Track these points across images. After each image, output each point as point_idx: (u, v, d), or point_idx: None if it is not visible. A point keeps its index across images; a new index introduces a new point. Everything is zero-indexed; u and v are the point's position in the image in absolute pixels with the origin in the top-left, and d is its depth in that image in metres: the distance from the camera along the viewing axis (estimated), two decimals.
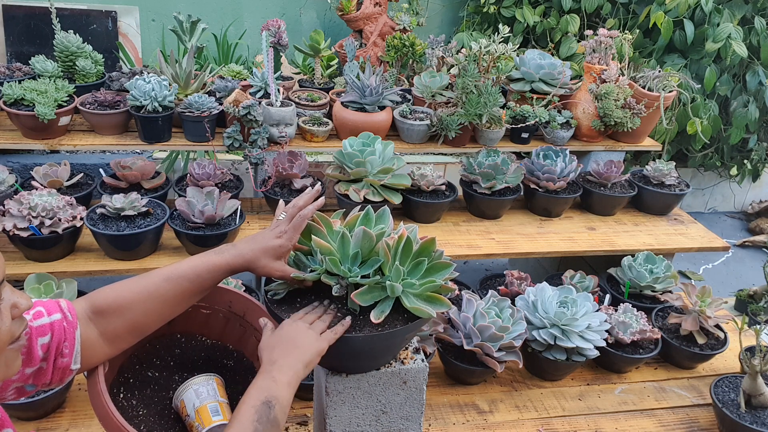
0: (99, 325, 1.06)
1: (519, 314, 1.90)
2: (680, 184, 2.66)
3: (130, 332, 1.09)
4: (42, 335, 0.96)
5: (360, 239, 1.15)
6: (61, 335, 0.99)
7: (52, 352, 0.98)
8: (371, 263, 1.16)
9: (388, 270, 1.15)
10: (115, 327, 1.07)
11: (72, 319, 1.01)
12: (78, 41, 2.48)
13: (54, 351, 0.98)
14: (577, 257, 2.69)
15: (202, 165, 2.26)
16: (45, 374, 0.98)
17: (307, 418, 1.77)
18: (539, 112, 2.57)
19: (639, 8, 3.61)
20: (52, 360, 0.98)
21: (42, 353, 0.97)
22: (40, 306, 0.99)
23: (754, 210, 4.47)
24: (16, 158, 3.81)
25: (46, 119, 2.11)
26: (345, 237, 1.16)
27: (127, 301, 1.07)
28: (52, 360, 0.98)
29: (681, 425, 1.88)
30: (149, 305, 1.09)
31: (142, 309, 1.08)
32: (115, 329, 1.07)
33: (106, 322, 1.06)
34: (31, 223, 1.87)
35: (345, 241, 1.16)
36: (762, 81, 3.64)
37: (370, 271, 1.15)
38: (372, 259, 1.17)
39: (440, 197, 2.38)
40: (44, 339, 0.97)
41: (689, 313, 2.10)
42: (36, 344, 0.96)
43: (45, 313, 0.98)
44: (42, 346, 0.96)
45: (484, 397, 1.93)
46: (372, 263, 1.16)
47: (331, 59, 3.09)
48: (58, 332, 0.98)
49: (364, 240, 1.15)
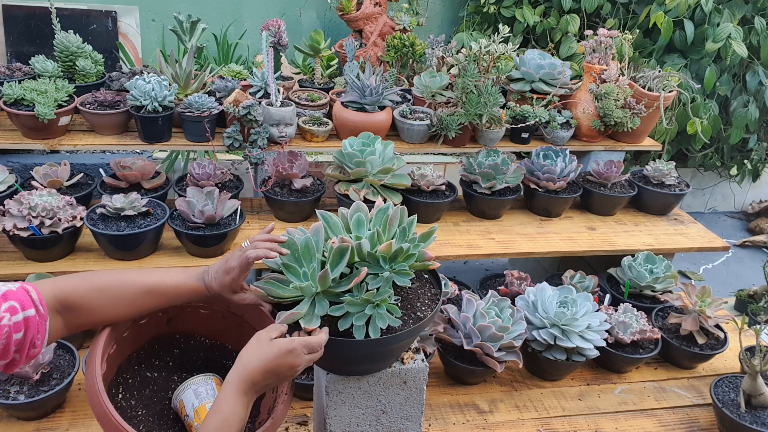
0: (66, 317, 1.07)
1: (519, 314, 1.90)
2: (680, 184, 2.66)
3: (94, 326, 1.14)
4: (17, 331, 0.97)
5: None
6: (35, 330, 1.00)
7: (26, 345, 0.99)
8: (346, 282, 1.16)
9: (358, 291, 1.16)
10: (81, 323, 1.10)
11: (44, 312, 1.02)
12: (78, 41, 2.48)
13: (27, 344, 0.99)
14: (577, 257, 2.69)
15: (202, 165, 2.26)
16: (17, 364, 1.00)
17: (307, 418, 1.77)
18: (539, 112, 2.57)
19: (639, 8, 3.61)
20: (25, 352, 1.00)
21: (15, 348, 0.98)
22: (12, 300, 0.98)
23: (754, 210, 4.47)
24: (16, 158, 3.81)
25: (46, 119, 2.11)
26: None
27: (100, 305, 1.10)
28: (25, 352, 1.00)
29: (681, 425, 1.88)
30: (122, 311, 1.13)
31: (114, 314, 1.13)
32: (81, 324, 1.10)
33: (74, 317, 1.08)
34: (31, 223, 1.87)
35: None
36: (762, 81, 3.63)
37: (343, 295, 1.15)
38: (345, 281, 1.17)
39: (440, 197, 2.38)
40: (18, 335, 0.98)
41: (689, 313, 2.10)
42: (11, 341, 0.97)
43: (19, 308, 0.98)
44: (16, 341, 0.98)
45: (484, 397, 1.93)
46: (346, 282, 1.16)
47: (331, 59, 3.09)
48: (32, 328, 1.00)
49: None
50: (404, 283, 1.16)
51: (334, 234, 1.20)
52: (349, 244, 1.12)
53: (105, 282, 1.12)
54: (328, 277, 1.11)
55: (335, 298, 1.15)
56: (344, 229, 1.22)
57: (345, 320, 1.13)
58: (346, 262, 1.13)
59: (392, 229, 1.21)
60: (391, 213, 1.21)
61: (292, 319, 1.12)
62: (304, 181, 2.30)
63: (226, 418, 1.02)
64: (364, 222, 1.22)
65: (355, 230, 1.21)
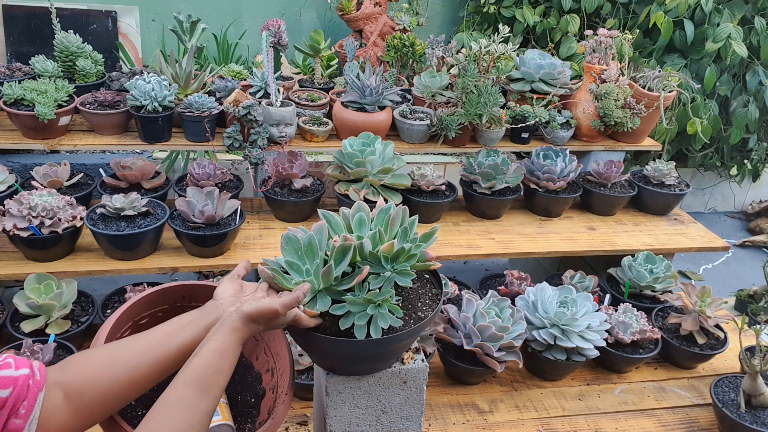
0: (69, 402, 0.95)
1: (519, 314, 1.90)
2: (680, 184, 2.66)
3: (101, 414, 1.01)
4: (3, 388, 0.86)
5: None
6: (23, 393, 0.88)
7: (7, 409, 0.87)
8: (348, 280, 1.16)
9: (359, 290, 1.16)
10: (89, 407, 0.97)
11: (39, 380, 0.91)
12: (78, 41, 2.48)
13: (9, 408, 0.87)
14: (577, 257, 2.69)
15: (202, 165, 2.26)
16: None
17: (307, 418, 1.77)
18: (539, 112, 2.57)
19: (639, 8, 3.61)
20: (4, 419, 0.87)
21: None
22: (10, 358, 0.90)
23: (754, 210, 4.47)
24: (16, 158, 3.81)
25: (46, 119, 2.11)
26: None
27: (113, 394, 0.99)
28: (4, 419, 0.87)
29: (681, 425, 1.88)
30: (135, 391, 1.02)
31: (128, 398, 1.02)
32: (90, 412, 0.97)
33: (79, 400, 0.96)
34: (31, 223, 1.87)
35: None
36: (762, 81, 3.64)
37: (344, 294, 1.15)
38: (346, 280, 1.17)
39: (440, 197, 2.38)
40: (3, 392, 0.86)
41: (689, 313, 2.10)
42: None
43: (13, 365, 0.89)
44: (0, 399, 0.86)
45: (484, 397, 1.93)
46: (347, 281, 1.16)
47: (331, 59, 3.09)
48: (20, 388, 0.88)
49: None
50: (406, 283, 1.16)
51: (336, 233, 1.20)
52: (352, 243, 1.13)
53: (119, 360, 1.01)
54: (332, 273, 1.11)
55: (337, 296, 1.15)
56: (346, 229, 1.22)
57: (346, 319, 1.13)
58: (348, 260, 1.14)
59: (394, 229, 1.21)
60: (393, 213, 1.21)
61: None
62: (304, 181, 2.30)
63: (220, 350, 0.99)
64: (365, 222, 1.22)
65: (357, 230, 1.21)
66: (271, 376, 1.30)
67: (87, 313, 2.02)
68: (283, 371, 1.27)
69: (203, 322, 1.07)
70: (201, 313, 1.10)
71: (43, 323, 1.87)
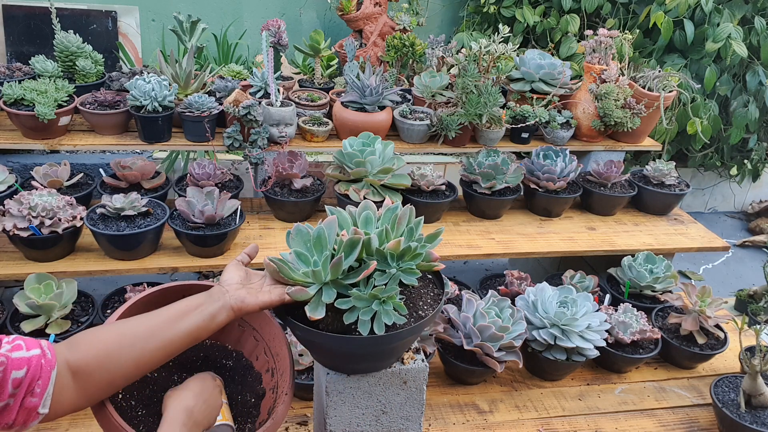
0: (77, 380, 0.99)
1: (519, 314, 1.90)
2: (680, 184, 2.66)
3: (107, 392, 1.06)
4: (17, 369, 0.89)
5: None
6: (37, 372, 0.92)
7: (23, 388, 0.90)
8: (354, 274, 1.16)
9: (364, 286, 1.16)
10: (96, 386, 1.01)
11: (50, 358, 0.94)
12: (78, 41, 2.48)
13: (25, 388, 0.90)
14: (577, 257, 2.69)
15: (202, 165, 2.26)
16: (10, 412, 0.90)
17: (307, 418, 1.77)
18: (539, 112, 2.57)
19: (639, 8, 3.61)
20: (21, 397, 0.90)
21: (12, 389, 0.89)
22: (19, 340, 0.93)
23: (754, 210, 4.47)
24: (16, 158, 3.81)
25: (46, 119, 2.11)
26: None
27: (120, 375, 1.03)
28: (21, 397, 0.90)
29: (681, 425, 1.88)
30: (141, 372, 1.06)
31: (134, 378, 1.07)
32: (97, 390, 1.02)
33: (86, 379, 1.00)
34: (31, 223, 1.87)
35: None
36: (762, 81, 3.64)
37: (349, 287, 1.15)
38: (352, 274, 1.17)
39: (440, 197, 2.38)
40: (19, 373, 0.89)
41: (689, 313, 2.10)
42: (9, 377, 0.88)
43: (24, 347, 0.92)
44: (14, 380, 0.89)
45: (484, 397, 1.93)
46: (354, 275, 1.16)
47: (331, 59, 3.09)
48: (34, 368, 0.91)
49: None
50: (411, 281, 1.16)
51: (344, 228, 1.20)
52: (361, 237, 1.13)
53: (126, 339, 1.04)
54: (341, 264, 1.12)
55: (342, 290, 1.15)
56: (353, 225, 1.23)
57: (351, 314, 1.13)
58: (357, 254, 1.14)
59: (400, 228, 1.21)
60: (400, 212, 1.22)
61: (300, 296, 1.13)
62: (304, 181, 2.30)
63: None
64: (372, 219, 1.23)
65: (363, 227, 1.22)
66: (271, 376, 1.30)
67: (87, 313, 2.02)
68: (283, 371, 1.27)
69: (209, 309, 1.11)
70: (208, 298, 1.12)
71: (43, 323, 1.87)
